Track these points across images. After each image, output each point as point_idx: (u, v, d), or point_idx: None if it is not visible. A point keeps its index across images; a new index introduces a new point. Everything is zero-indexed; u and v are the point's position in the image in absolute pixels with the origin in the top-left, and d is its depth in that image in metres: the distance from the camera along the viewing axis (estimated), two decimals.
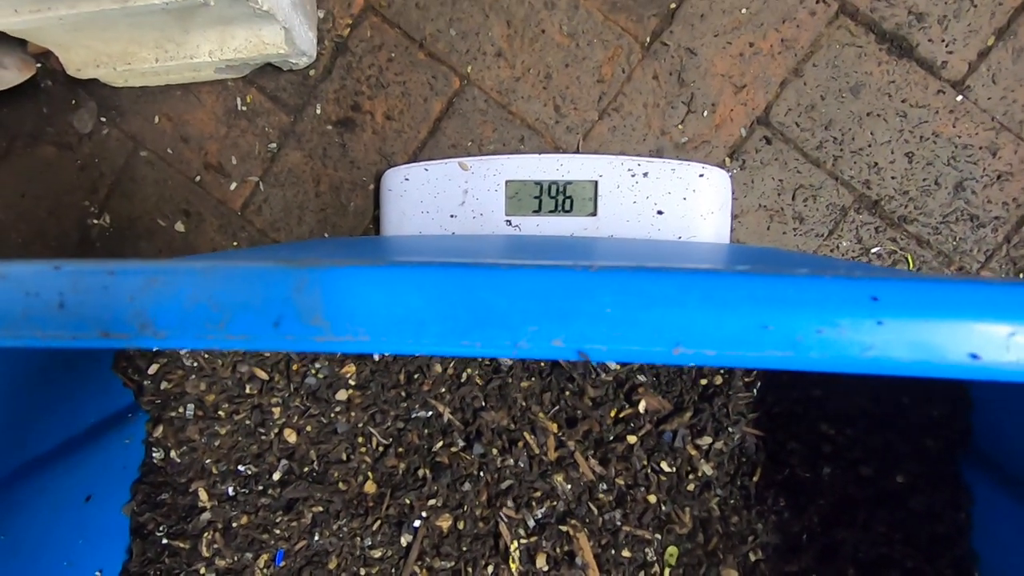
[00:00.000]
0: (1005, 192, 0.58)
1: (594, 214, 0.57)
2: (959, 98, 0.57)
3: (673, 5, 0.57)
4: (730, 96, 0.58)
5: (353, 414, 0.36)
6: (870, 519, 0.33)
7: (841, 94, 0.58)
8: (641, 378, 0.34)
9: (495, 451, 0.34)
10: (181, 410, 0.38)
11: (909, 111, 0.57)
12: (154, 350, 0.37)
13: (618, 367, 0.34)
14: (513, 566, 0.34)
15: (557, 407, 0.34)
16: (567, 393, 0.34)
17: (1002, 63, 0.56)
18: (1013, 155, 0.57)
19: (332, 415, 0.36)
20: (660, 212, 0.57)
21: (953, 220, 0.58)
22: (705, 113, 0.59)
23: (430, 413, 0.35)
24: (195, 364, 0.37)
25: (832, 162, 0.58)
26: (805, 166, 0.59)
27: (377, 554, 0.36)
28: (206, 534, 0.38)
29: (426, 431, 0.36)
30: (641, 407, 0.34)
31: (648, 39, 0.58)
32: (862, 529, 0.33)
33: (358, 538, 0.36)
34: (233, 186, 0.64)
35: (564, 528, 0.34)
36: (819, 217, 0.59)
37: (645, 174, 0.57)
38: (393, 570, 0.36)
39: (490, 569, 0.35)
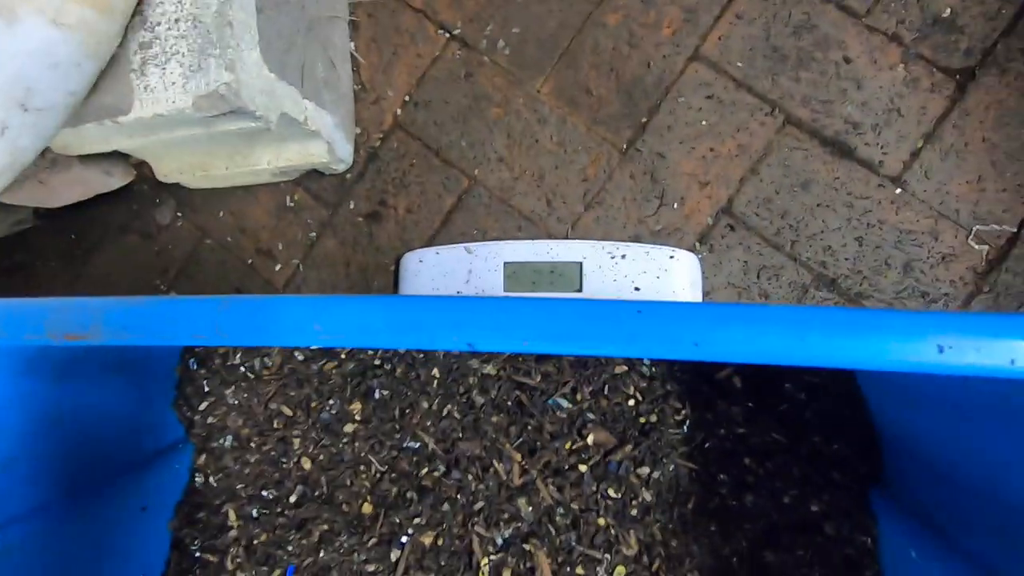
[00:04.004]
0: (951, 271, 0.64)
1: (580, 290, 0.66)
2: (898, 191, 0.65)
3: (644, 119, 0.69)
4: (696, 191, 0.68)
5: (357, 444, 0.43)
6: (792, 543, 0.38)
7: (793, 188, 0.67)
8: (591, 416, 0.41)
9: (470, 476, 0.41)
10: (221, 441, 0.47)
11: (855, 202, 0.66)
12: (206, 390, 0.47)
13: (570, 406, 0.41)
14: None
15: (521, 439, 0.41)
16: (529, 428, 0.41)
17: (932, 161, 0.64)
18: (954, 239, 0.64)
19: (340, 445, 0.44)
20: (637, 288, 0.65)
21: (906, 296, 0.65)
22: (675, 205, 0.69)
23: (418, 444, 0.42)
24: (236, 402, 0.46)
25: (790, 246, 0.66)
26: (767, 249, 0.67)
27: (371, 568, 0.42)
28: (232, 549, 0.45)
29: (414, 458, 0.43)
30: (590, 440, 0.40)
31: (625, 146, 0.70)
32: (785, 551, 0.38)
33: (356, 554, 0.43)
34: (278, 267, 0.76)
35: (527, 547, 0.40)
36: (783, 293, 0.67)
37: (623, 256, 0.66)
38: None
39: None
